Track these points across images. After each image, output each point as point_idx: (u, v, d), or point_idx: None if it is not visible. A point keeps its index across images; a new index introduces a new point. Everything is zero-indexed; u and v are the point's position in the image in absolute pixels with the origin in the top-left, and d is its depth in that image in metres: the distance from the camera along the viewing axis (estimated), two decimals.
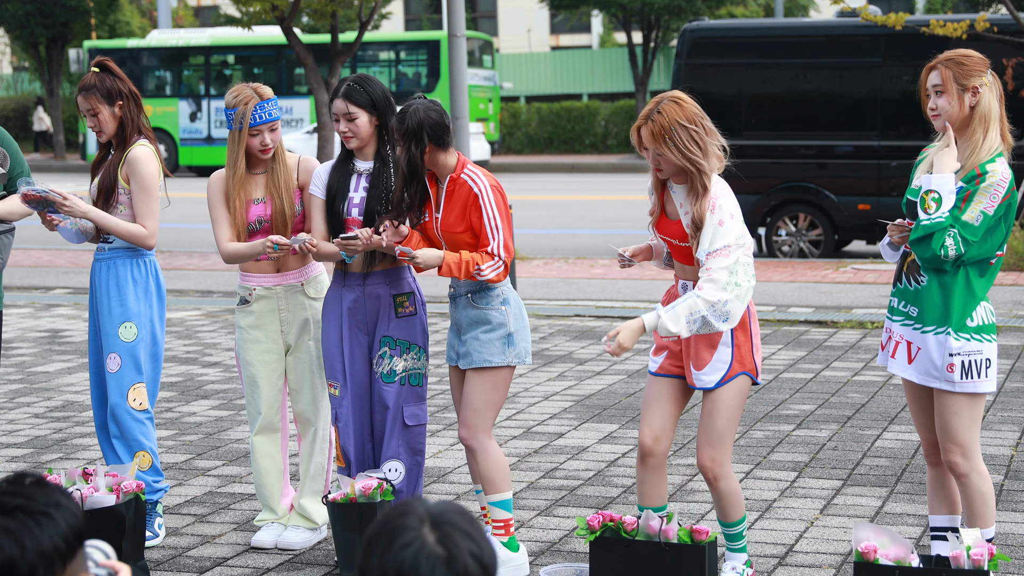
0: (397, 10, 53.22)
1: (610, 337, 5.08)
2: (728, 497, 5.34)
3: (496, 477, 5.66)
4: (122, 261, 6.24)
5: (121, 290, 6.21)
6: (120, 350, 6.21)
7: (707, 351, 5.23)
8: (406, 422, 5.82)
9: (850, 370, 9.76)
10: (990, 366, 5.09)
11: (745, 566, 5.44)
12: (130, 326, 6.21)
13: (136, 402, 6.23)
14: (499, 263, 5.50)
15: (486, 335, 5.58)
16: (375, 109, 5.74)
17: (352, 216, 5.79)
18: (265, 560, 5.98)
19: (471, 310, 5.61)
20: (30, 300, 13.75)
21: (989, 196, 4.99)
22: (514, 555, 5.67)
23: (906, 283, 5.21)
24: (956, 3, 43.29)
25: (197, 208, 25.04)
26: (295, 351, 6.13)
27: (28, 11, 39.33)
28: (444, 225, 5.58)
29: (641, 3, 38.49)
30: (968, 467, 5.13)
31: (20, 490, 2.43)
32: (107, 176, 6.21)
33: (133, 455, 6.21)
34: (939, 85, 5.12)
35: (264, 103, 5.94)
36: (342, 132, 5.77)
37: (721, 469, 5.28)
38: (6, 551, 2.36)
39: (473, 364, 5.60)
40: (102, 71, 6.23)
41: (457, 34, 15.09)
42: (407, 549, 2.29)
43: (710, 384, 5.24)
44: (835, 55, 16.28)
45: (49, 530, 2.39)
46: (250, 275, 6.12)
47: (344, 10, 22.61)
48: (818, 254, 16.27)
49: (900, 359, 5.21)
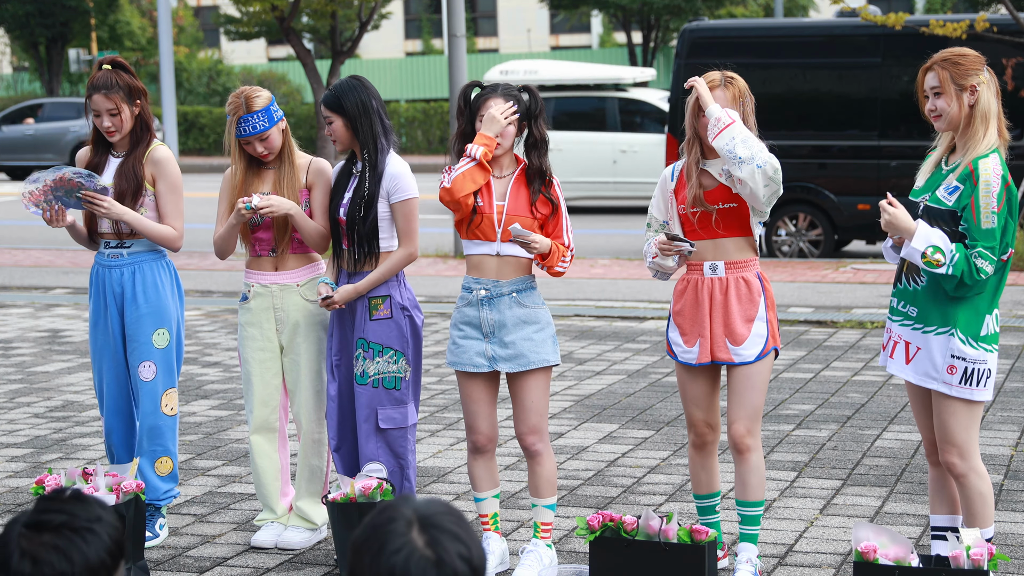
0: (397, 10, 53.20)
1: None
2: (757, 471, 5.49)
3: (554, 480, 5.75)
4: (148, 265, 6.17)
5: (152, 295, 6.14)
6: (155, 357, 6.15)
7: (745, 326, 5.40)
8: (380, 425, 5.82)
9: (850, 370, 9.77)
10: (990, 376, 5.11)
11: (757, 558, 5.52)
12: (163, 332, 6.16)
13: (168, 408, 6.22)
14: (570, 256, 5.65)
15: (539, 334, 5.60)
16: (345, 114, 5.81)
17: (340, 216, 5.87)
18: (265, 560, 5.98)
19: (518, 309, 5.59)
20: (30, 300, 13.75)
21: (991, 195, 4.99)
22: (553, 555, 5.75)
23: (905, 283, 5.22)
24: (956, 3, 43.29)
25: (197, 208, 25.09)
26: (288, 352, 6.12)
27: (28, 11, 39.33)
28: (512, 211, 5.57)
29: (641, 3, 38.47)
30: (966, 468, 5.14)
31: (62, 507, 2.48)
32: (130, 177, 6.10)
33: (154, 461, 6.17)
34: (937, 87, 5.12)
35: (249, 116, 5.92)
36: (327, 134, 5.96)
37: (755, 441, 5.48)
38: (56, 567, 2.41)
39: (532, 365, 5.57)
40: (116, 68, 6.16)
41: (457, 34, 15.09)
42: (397, 555, 2.30)
43: (750, 358, 5.41)
44: (835, 55, 16.27)
45: (95, 545, 2.45)
46: (250, 272, 6.14)
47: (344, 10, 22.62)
48: (818, 254, 16.26)
49: (898, 359, 5.23)
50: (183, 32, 48.90)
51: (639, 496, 6.85)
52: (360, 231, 5.78)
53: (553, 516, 5.75)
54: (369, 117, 5.80)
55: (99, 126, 6.12)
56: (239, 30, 32.51)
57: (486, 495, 5.80)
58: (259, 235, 6.06)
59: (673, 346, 5.55)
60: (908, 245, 5.01)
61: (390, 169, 5.81)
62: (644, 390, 9.24)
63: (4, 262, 16.79)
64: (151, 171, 6.13)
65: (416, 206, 5.87)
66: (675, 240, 5.37)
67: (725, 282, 5.44)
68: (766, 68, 16.30)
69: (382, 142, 5.82)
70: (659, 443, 7.84)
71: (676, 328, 5.53)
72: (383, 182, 5.80)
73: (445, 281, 14.38)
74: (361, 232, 5.78)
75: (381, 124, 5.83)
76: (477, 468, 5.79)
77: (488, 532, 5.80)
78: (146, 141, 6.16)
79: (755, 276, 5.48)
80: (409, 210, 5.83)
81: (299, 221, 5.93)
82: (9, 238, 20.01)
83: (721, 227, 5.43)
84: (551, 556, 5.70)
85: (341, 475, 5.83)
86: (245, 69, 47.35)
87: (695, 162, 5.49)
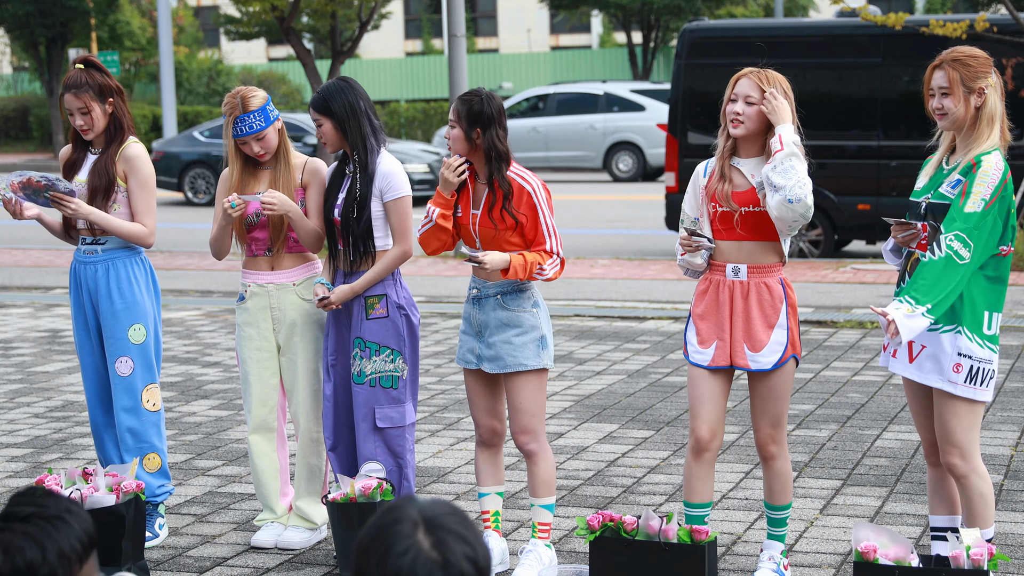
0: (397, 10, 53.20)
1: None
2: (784, 477, 5.46)
3: (552, 480, 5.73)
4: (122, 261, 6.21)
5: (125, 291, 6.18)
6: (132, 353, 6.17)
7: (765, 332, 5.30)
8: (378, 424, 5.83)
9: (850, 370, 9.77)
10: (993, 377, 5.10)
11: (782, 555, 5.50)
12: (139, 328, 6.18)
13: (150, 403, 6.23)
14: (556, 261, 5.56)
15: (519, 338, 5.58)
16: (333, 116, 5.80)
17: (335, 216, 5.87)
18: (265, 560, 5.98)
19: (501, 312, 5.59)
20: (30, 300, 13.75)
21: (987, 184, 4.97)
22: (553, 555, 5.74)
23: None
24: (956, 3, 43.29)
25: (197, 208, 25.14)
26: (285, 352, 6.12)
27: (28, 11, 39.30)
28: (485, 221, 5.57)
29: (641, 3, 38.49)
30: (967, 468, 5.12)
31: (32, 500, 2.53)
32: (102, 174, 6.15)
33: (142, 459, 6.18)
34: (945, 87, 5.09)
35: (245, 116, 5.93)
36: (317, 137, 5.94)
37: (781, 449, 5.44)
38: (27, 554, 2.46)
39: (507, 368, 5.58)
40: (88, 67, 6.19)
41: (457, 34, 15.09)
42: (404, 556, 2.31)
43: (768, 366, 5.31)
44: (835, 55, 16.27)
45: (66, 533, 2.49)
46: (247, 272, 6.15)
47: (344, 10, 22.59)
48: (818, 254, 16.26)
49: (901, 357, 5.18)
50: (183, 32, 48.90)
51: (639, 496, 6.84)
52: (355, 231, 5.79)
53: (551, 516, 5.74)
54: (357, 118, 5.80)
55: (73, 124, 6.19)
56: (239, 30, 32.51)
57: (488, 490, 5.81)
58: (255, 235, 6.07)
59: (688, 345, 5.46)
60: (905, 336, 4.93)
61: (382, 168, 5.82)
62: (644, 390, 9.24)
63: (4, 262, 16.79)
64: (123, 168, 6.16)
65: (409, 204, 5.88)
66: (695, 236, 5.31)
67: (747, 286, 5.33)
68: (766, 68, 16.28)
69: (371, 142, 5.82)
70: (659, 443, 7.84)
71: (693, 328, 5.43)
72: (375, 181, 5.80)
73: (445, 281, 14.38)
74: (356, 232, 5.79)
75: (370, 124, 5.83)
76: (480, 461, 5.83)
77: (488, 530, 5.80)
78: (119, 139, 6.19)
79: (778, 282, 5.37)
80: (402, 208, 5.83)
81: (296, 221, 5.94)
82: (9, 238, 20.02)
83: (744, 229, 5.32)
84: (551, 556, 5.70)
85: (341, 475, 5.83)
86: (245, 69, 47.36)
87: (727, 157, 5.39)
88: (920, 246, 5.16)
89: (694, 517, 5.50)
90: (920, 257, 5.12)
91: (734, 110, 5.35)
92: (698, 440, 5.42)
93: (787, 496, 5.48)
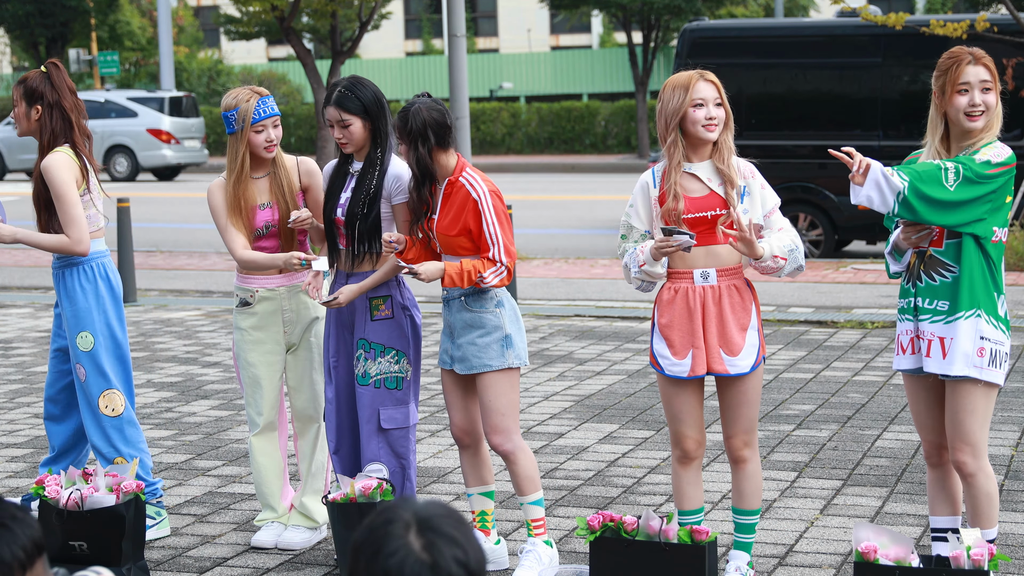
0: (397, 10, 53.20)
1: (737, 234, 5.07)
2: (756, 477, 5.41)
3: (534, 476, 5.69)
4: (69, 271, 6.19)
5: (72, 300, 6.17)
6: (83, 360, 6.19)
7: (740, 335, 5.22)
8: (382, 425, 5.82)
9: (850, 370, 9.76)
10: (1006, 360, 5.08)
11: (748, 566, 5.43)
12: (86, 335, 6.18)
13: (108, 408, 6.21)
14: (501, 268, 5.49)
15: (483, 339, 5.57)
16: (367, 115, 5.73)
17: (337, 216, 5.82)
18: (265, 560, 5.98)
19: (465, 313, 5.60)
20: (30, 300, 13.75)
21: (996, 152, 4.93)
22: (553, 552, 5.72)
23: (928, 280, 5.06)
24: (956, 3, 43.29)
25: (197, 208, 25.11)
26: (297, 348, 6.13)
27: (28, 11, 39.33)
28: (440, 227, 5.57)
29: (641, 3, 38.46)
30: (976, 467, 5.09)
31: None
32: (37, 187, 6.12)
33: (111, 462, 6.15)
34: (988, 81, 5.00)
35: (264, 99, 5.94)
36: (337, 138, 5.80)
37: (754, 452, 5.39)
38: None
39: (472, 369, 5.59)
40: (47, 71, 6.12)
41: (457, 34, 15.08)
42: (393, 557, 2.31)
43: (745, 369, 5.23)
44: (835, 55, 16.27)
45: (7, 540, 2.49)
46: (251, 277, 6.10)
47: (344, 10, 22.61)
48: (818, 254, 16.26)
49: (935, 356, 5.05)
50: (183, 32, 48.91)
51: (639, 496, 6.84)
52: (362, 228, 5.75)
53: (542, 511, 5.71)
54: (385, 114, 5.77)
55: None
56: (239, 30, 32.51)
57: (472, 491, 5.82)
58: (262, 244, 6.04)
59: (660, 359, 5.27)
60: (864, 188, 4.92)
61: (392, 170, 5.79)
62: (644, 390, 9.24)
63: (4, 262, 16.79)
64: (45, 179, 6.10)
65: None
66: (673, 234, 5.11)
67: (718, 290, 5.22)
68: (766, 68, 16.30)
69: (392, 139, 5.80)
70: (659, 443, 7.84)
71: (663, 340, 5.28)
72: (385, 182, 5.78)
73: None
74: (362, 229, 5.75)
75: (388, 121, 5.82)
76: (463, 463, 5.86)
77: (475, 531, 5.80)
78: (48, 149, 6.08)
79: (744, 282, 5.30)
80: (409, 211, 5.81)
81: (316, 229, 6.01)
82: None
83: (710, 234, 5.20)
84: (551, 554, 5.69)
85: (341, 475, 5.83)
86: (245, 69, 47.35)
87: (677, 165, 5.23)
88: (933, 243, 5.09)
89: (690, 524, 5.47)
90: (933, 252, 5.07)
91: (708, 115, 5.21)
92: (685, 452, 5.38)
93: (758, 499, 5.41)
